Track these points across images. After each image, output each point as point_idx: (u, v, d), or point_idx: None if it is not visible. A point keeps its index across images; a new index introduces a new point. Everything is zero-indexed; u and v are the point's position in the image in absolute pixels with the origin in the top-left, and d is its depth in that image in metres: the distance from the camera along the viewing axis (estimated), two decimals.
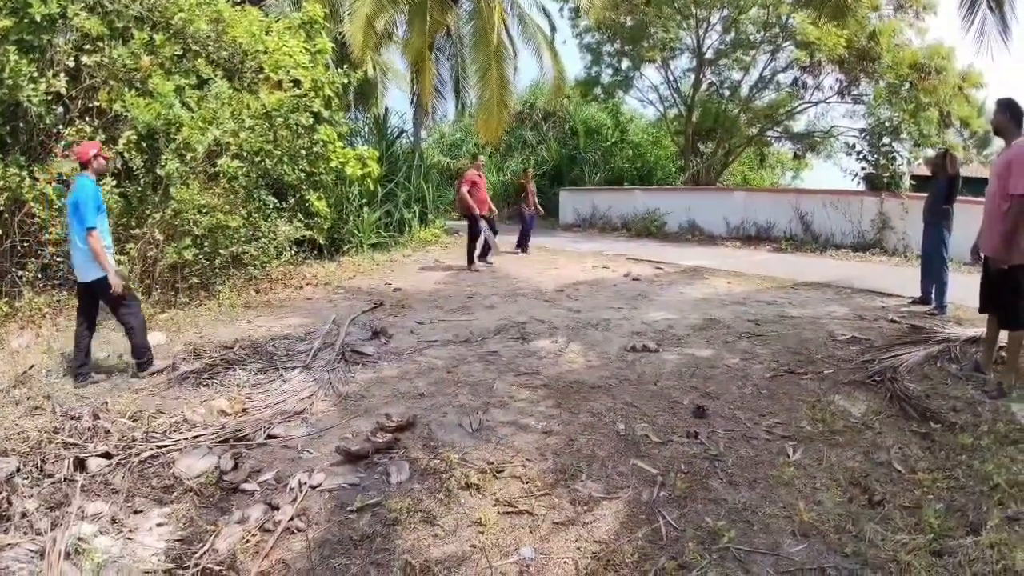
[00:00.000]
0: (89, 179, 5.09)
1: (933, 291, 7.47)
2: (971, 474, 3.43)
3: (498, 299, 8.16)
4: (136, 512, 3.12)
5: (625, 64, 19.81)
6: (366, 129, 16.69)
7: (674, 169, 21.15)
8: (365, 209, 12.77)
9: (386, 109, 17.25)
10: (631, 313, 7.32)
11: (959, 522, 2.98)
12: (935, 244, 7.44)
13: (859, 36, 15.04)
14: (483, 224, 10.79)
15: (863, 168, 14.56)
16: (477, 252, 10.96)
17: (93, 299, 5.21)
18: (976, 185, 11.04)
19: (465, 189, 10.82)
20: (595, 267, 10.91)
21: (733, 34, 18.14)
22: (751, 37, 17.90)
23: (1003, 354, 4.98)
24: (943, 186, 7.38)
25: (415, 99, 17.54)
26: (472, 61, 15.49)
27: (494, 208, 11.78)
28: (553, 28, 18.78)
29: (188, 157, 7.91)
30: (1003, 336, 4.90)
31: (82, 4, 7.79)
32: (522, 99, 22.95)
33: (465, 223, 11.42)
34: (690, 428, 3.98)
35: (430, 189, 15.53)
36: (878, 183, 13.90)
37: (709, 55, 18.77)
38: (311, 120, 9.81)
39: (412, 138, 17.25)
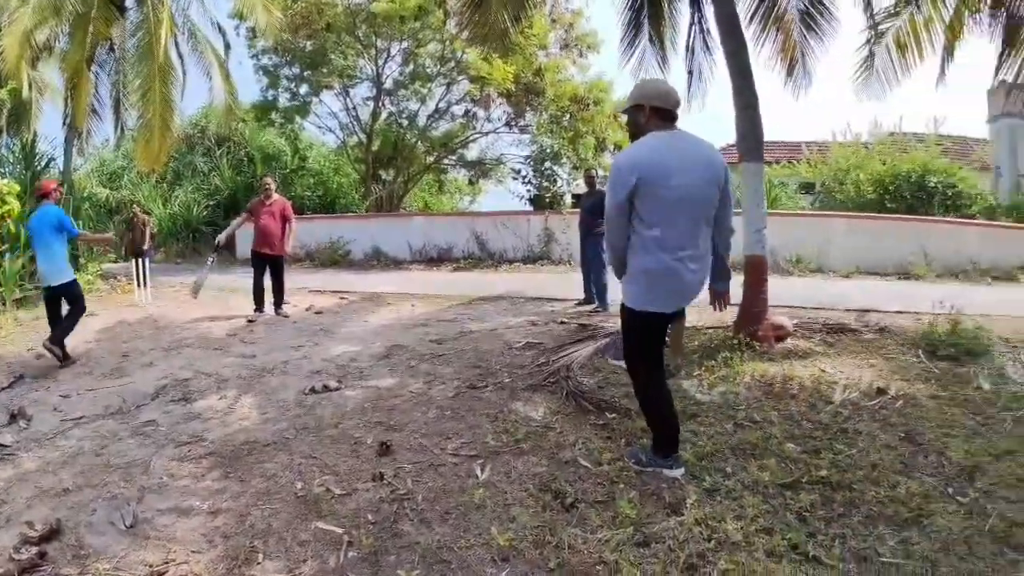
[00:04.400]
0: (55, 206, 6.62)
1: (595, 292, 8.35)
2: None
3: (159, 353, 6.90)
4: None
5: (304, 89, 19.13)
6: (11, 158, 13.55)
7: (357, 196, 21.01)
8: (6, 256, 10.11)
9: (35, 134, 14.11)
10: (312, 351, 6.75)
11: (657, 506, 3.00)
12: (593, 252, 8.31)
13: (526, 72, 16.48)
14: (209, 261, 9.44)
15: (528, 190, 16.11)
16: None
17: (58, 301, 6.60)
18: None
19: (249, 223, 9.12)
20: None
21: (412, 66, 18.62)
22: (428, 70, 18.56)
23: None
24: (597, 202, 8.03)
25: (68, 120, 14.67)
26: (135, 77, 13.34)
27: (280, 246, 8.76)
28: (228, 47, 17.03)
29: None
30: None
31: None
32: (192, 122, 20.91)
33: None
34: (375, 470, 3.63)
35: (81, 228, 12.96)
36: (542, 203, 15.46)
37: (388, 85, 19.06)
38: None
39: (62, 167, 14.34)
